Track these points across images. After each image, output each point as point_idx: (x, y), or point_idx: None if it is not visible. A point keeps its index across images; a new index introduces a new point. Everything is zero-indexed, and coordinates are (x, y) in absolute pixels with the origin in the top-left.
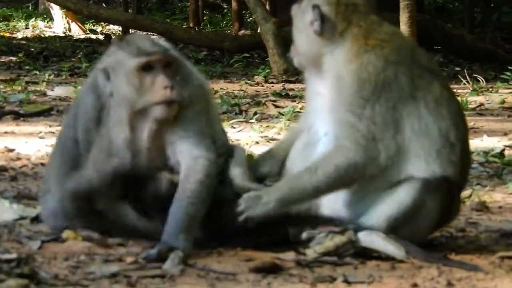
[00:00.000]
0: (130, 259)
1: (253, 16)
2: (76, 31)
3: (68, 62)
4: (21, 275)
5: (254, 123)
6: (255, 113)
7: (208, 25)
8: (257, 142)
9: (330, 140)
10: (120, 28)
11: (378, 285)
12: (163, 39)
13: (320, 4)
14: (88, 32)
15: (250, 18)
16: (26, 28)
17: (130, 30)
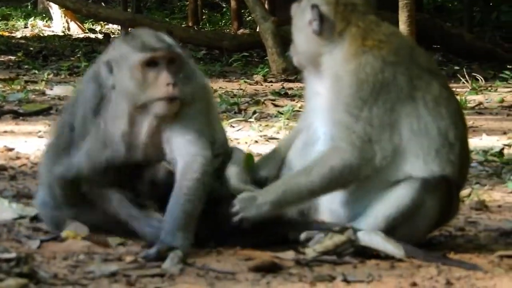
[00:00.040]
0: (130, 258)
1: (252, 15)
2: (75, 30)
3: (67, 61)
4: (20, 275)
5: (253, 122)
6: (254, 112)
7: (207, 24)
8: (256, 141)
9: (327, 141)
10: (119, 27)
11: (377, 284)
12: (167, 35)
13: (319, 3)
14: (87, 31)
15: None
16: (25, 27)
17: (129, 29)
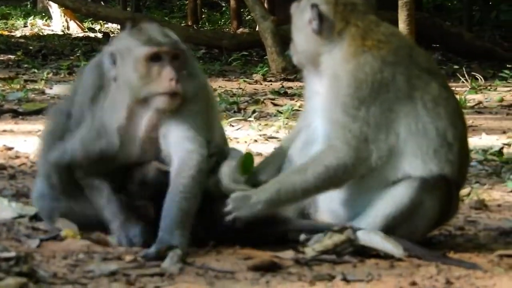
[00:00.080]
0: (129, 257)
1: (251, 14)
2: (75, 30)
3: (66, 60)
4: (19, 274)
5: (252, 121)
6: (253, 111)
7: (207, 23)
8: (255, 140)
9: (323, 140)
10: (119, 26)
11: (377, 284)
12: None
13: (319, 3)
14: (86, 30)
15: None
16: (24, 27)
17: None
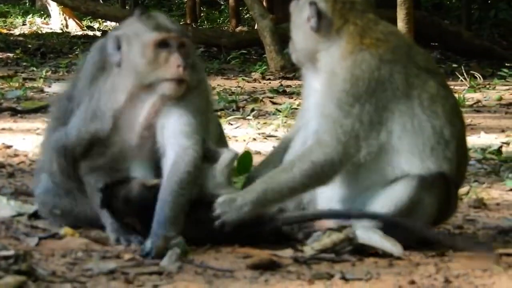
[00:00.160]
0: (128, 256)
1: (250, 12)
2: (74, 28)
3: (65, 59)
4: (18, 272)
5: (251, 119)
6: (252, 110)
7: (205, 21)
8: (254, 139)
9: (312, 135)
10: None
11: (375, 282)
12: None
13: (317, 1)
14: (85, 28)
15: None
16: (23, 25)
17: None
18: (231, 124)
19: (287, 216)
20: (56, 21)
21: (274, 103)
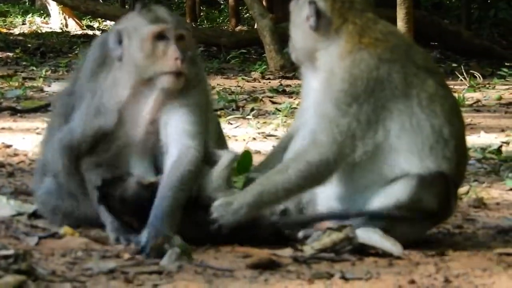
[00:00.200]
0: (127, 255)
1: (250, 12)
2: (73, 27)
3: (65, 58)
4: (18, 271)
5: (251, 119)
6: (252, 109)
7: (205, 21)
8: (254, 138)
9: (308, 134)
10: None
11: (375, 282)
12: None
13: (317, 0)
14: (85, 28)
15: (247, 14)
16: (23, 24)
17: None
18: (231, 124)
19: (285, 220)
20: (56, 20)
21: (273, 103)
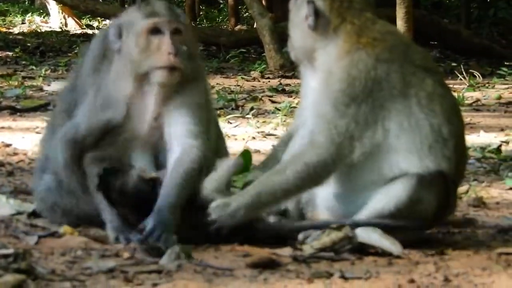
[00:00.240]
0: (127, 254)
1: (249, 11)
2: (73, 26)
3: (64, 57)
4: (18, 270)
5: (250, 118)
6: (251, 109)
7: (204, 20)
8: (253, 138)
9: (306, 135)
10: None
11: (375, 281)
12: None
13: None
14: (84, 27)
15: (247, 13)
16: (22, 23)
17: None
18: (231, 123)
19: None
20: (55, 19)
21: (273, 102)
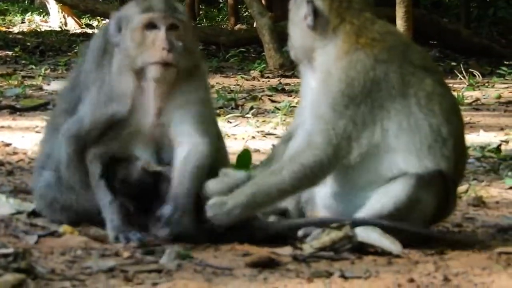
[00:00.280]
0: (127, 253)
1: (249, 10)
2: (72, 26)
3: (64, 57)
4: (17, 270)
5: (250, 117)
6: (251, 108)
7: (204, 19)
8: (253, 137)
9: (304, 135)
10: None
11: (374, 280)
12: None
13: None
14: (84, 26)
15: (246, 13)
16: (22, 23)
17: None
18: (230, 122)
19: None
20: (55, 19)
21: (273, 101)
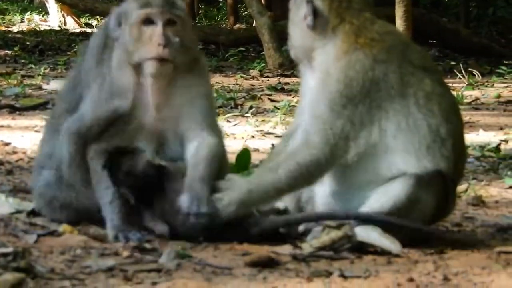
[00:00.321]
0: (126, 253)
1: (248, 10)
2: (72, 25)
3: (63, 56)
4: (17, 269)
5: (249, 117)
6: (250, 107)
7: (203, 19)
8: (252, 136)
9: (301, 134)
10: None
11: (374, 280)
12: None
13: None
14: (83, 25)
15: (246, 12)
16: (21, 22)
17: None
18: (230, 122)
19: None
20: (54, 18)
21: (272, 101)
